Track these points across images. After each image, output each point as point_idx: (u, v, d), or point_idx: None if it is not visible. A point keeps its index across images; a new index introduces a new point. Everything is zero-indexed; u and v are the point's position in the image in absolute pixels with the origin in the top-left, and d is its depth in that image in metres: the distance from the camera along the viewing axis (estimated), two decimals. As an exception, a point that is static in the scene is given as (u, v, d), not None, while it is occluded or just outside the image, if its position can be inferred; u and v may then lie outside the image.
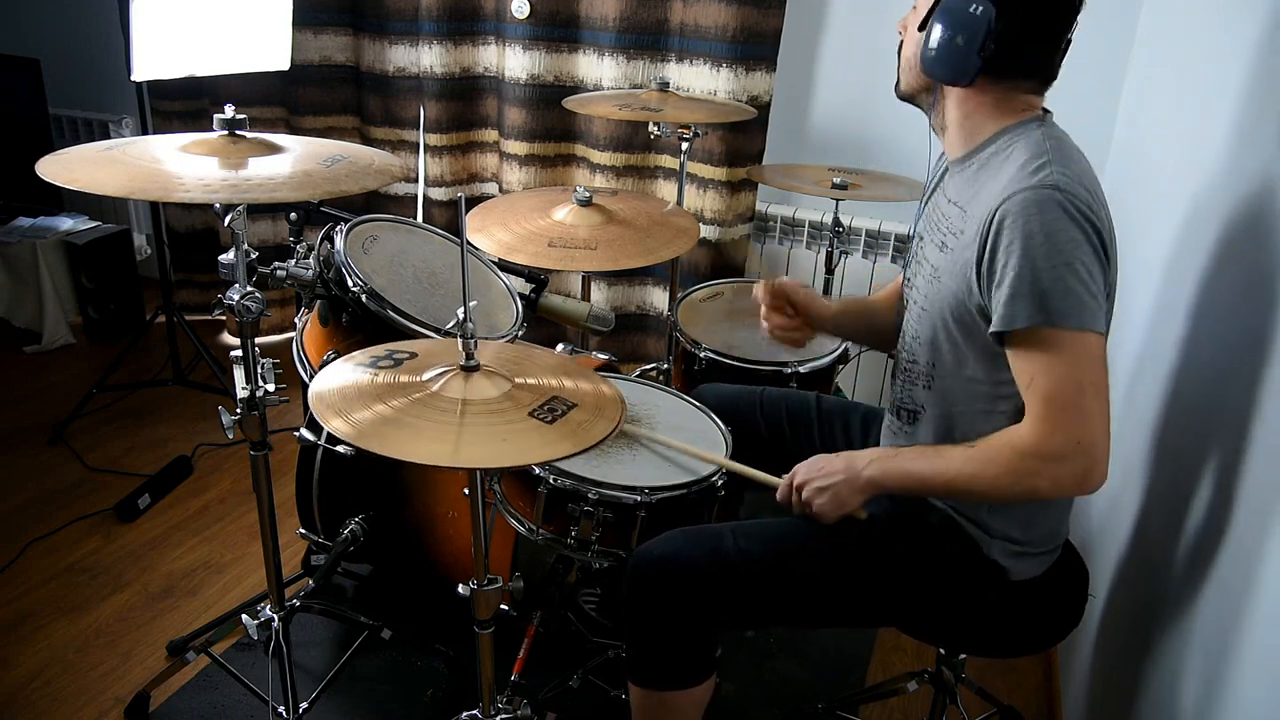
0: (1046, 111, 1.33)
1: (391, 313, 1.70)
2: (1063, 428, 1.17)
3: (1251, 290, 1.25)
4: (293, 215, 1.97)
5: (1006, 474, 1.21)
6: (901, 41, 1.39)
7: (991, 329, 1.22)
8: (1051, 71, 1.30)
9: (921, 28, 1.29)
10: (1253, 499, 1.15)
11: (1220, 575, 1.21)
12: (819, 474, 1.36)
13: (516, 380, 1.23)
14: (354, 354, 1.30)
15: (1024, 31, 1.24)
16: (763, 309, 1.67)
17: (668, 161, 3.02)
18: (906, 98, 1.41)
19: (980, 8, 1.22)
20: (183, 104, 3.24)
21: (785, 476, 1.41)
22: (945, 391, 1.36)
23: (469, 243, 1.51)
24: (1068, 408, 1.16)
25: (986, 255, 1.21)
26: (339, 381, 1.21)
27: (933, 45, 1.26)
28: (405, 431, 1.11)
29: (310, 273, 1.71)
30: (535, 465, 1.53)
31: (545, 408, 1.16)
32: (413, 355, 1.30)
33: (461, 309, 1.21)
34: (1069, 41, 1.27)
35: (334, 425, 1.10)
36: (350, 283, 1.71)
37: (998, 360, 1.25)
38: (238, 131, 1.43)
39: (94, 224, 3.44)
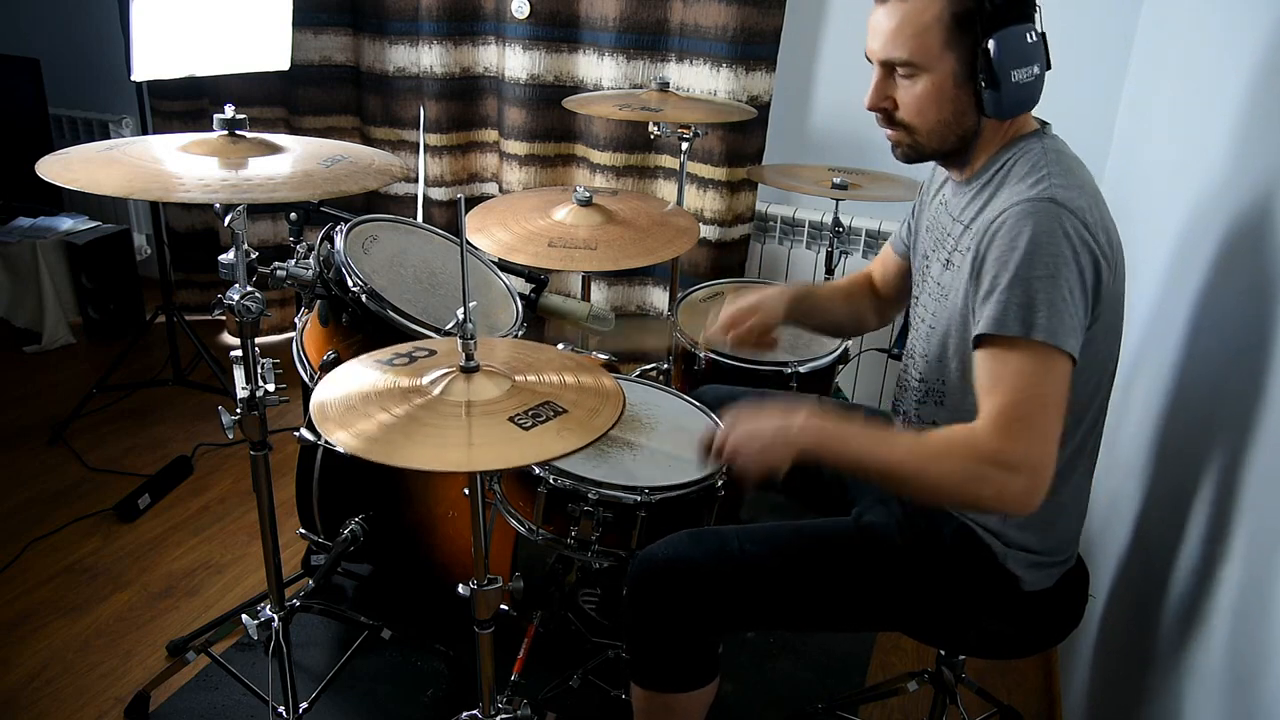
0: (1043, 123, 1.33)
1: (391, 313, 1.70)
2: (1022, 438, 1.13)
3: (1252, 292, 1.25)
4: (293, 215, 1.97)
5: (954, 475, 1.16)
6: (890, 115, 1.30)
7: (974, 331, 1.21)
8: None
9: (992, 84, 1.20)
10: (1253, 499, 1.15)
11: (1220, 576, 1.21)
12: (747, 438, 1.27)
13: (517, 379, 1.24)
14: (374, 353, 1.31)
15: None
16: (726, 334, 1.62)
17: (668, 161, 3.02)
18: (933, 158, 1.33)
19: (1032, 33, 1.21)
20: (183, 104, 3.24)
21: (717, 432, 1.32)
22: (957, 409, 1.35)
23: (469, 243, 1.51)
24: (1029, 420, 1.13)
25: (978, 262, 1.21)
26: (347, 389, 1.21)
27: (1010, 87, 1.21)
28: (410, 438, 1.11)
29: (310, 273, 1.71)
30: (535, 465, 1.53)
31: (529, 413, 1.16)
32: (431, 353, 1.31)
33: (461, 309, 1.21)
34: None
35: (337, 437, 1.10)
36: (350, 283, 1.71)
37: None
38: (238, 131, 1.43)
39: (94, 224, 3.45)
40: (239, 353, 1.48)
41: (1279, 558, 1.04)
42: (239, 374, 1.49)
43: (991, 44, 1.19)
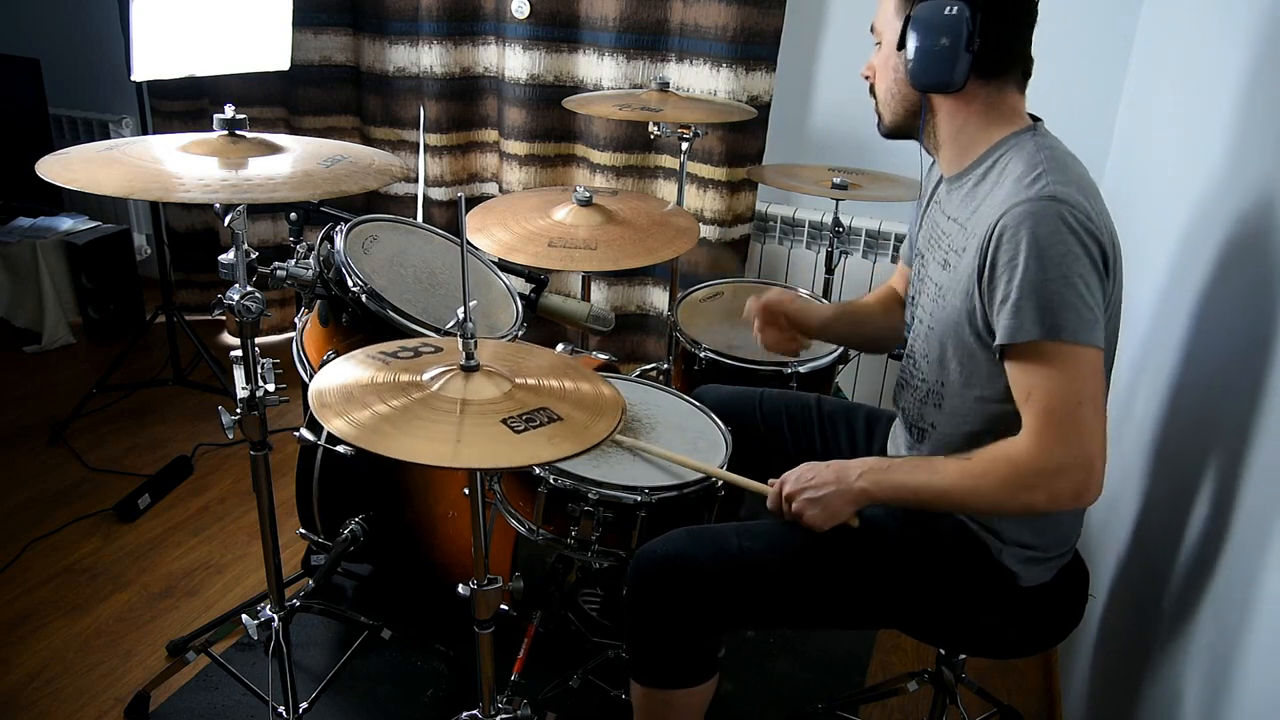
0: (1036, 119, 1.33)
1: (391, 313, 1.70)
2: (1062, 441, 1.16)
3: (1253, 294, 1.25)
4: (293, 215, 1.97)
5: (1003, 488, 1.20)
6: (872, 83, 1.40)
7: (995, 343, 1.22)
8: (1030, 64, 1.31)
9: (900, 46, 1.29)
10: (1253, 500, 1.15)
11: (1220, 576, 1.21)
12: (809, 484, 1.34)
13: (517, 380, 1.23)
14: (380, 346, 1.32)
15: (1001, 22, 1.25)
16: (756, 323, 1.69)
17: (668, 161, 3.02)
18: (894, 132, 1.40)
19: (953, 7, 1.23)
20: (183, 104, 3.24)
21: (774, 484, 1.40)
22: (955, 410, 1.35)
23: (469, 243, 1.51)
24: (1067, 421, 1.16)
25: (987, 270, 1.21)
26: (348, 379, 1.21)
27: (918, 55, 1.27)
28: (399, 429, 1.11)
29: (310, 273, 1.71)
30: (535, 465, 1.53)
31: (523, 417, 1.16)
32: (437, 350, 1.31)
33: (461, 309, 1.21)
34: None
35: (335, 425, 1.10)
36: (350, 283, 1.71)
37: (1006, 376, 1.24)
38: (238, 131, 1.43)
39: (94, 224, 3.45)
40: (239, 353, 1.47)
41: (1277, 558, 1.04)
42: (239, 374, 1.49)
43: (913, 11, 1.26)
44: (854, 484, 1.31)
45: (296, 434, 1.82)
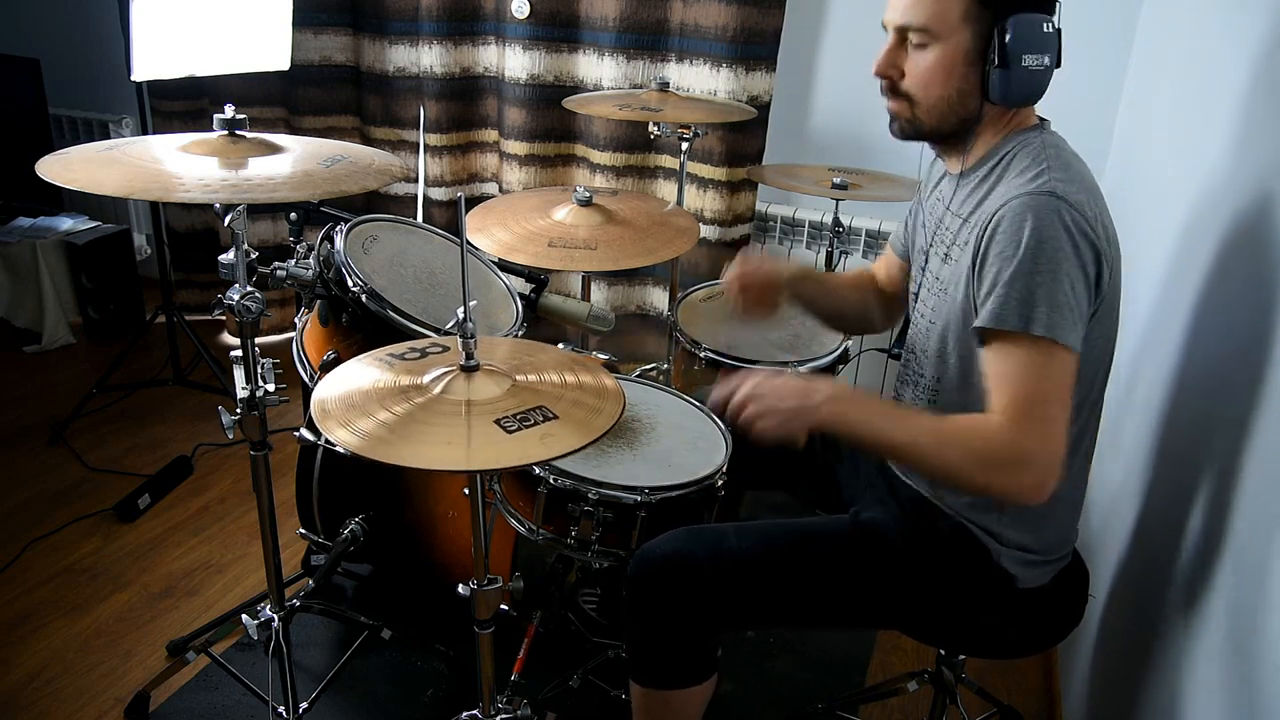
0: (1043, 120, 1.33)
1: (391, 313, 1.70)
2: (1032, 432, 1.15)
3: (1252, 291, 1.25)
4: (293, 215, 1.96)
5: (970, 459, 1.17)
6: (894, 85, 1.29)
7: (974, 324, 1.21)
8: None
9: (1002, 64, 1.21)
10: (1253, 499, 1.15)
11: (1221, 576, 1.21)
12: (771, 394, 1.25)
13: (517, 378, 1.23)
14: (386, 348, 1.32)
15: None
16: (737, 289, 1.58)
17: (668, 161, 3.02)
18: (926, 136, 1.33)
19: (1049, 24, 1.22)
20: (183, 104, 3.24)
21: (730, 379, 1.30)
22: (952, 404, 1.35)
23: (469, 243, 1.51)
24: (1034, 415, 1.15)
25: (979, 257, 1.22)
26: (350, 384, 1.21)
27: (1018, 73, 1.21)
28: (398, 436, 1.11)
29: (310, 273, 1.71)
30: (535, 465, 1.53)
31: (517, 416, 1.16)
32: (445, 350, 1.31)
33: (461, 309, 1.21)
34: None
35: (337, 436, 1.10)
36: (350, 283, 1.71)
37: None
38: (238, 131, 1.43)
39: (94, 224, 3.45)
40: (239, 353, 1.48)
41: (1278, 557, 1.04)
42: (239, 374, 1.49)
43: (1009, 24, 1.20)
44: (818, 408, 1.23)
45: (296, 434, 1.82)
